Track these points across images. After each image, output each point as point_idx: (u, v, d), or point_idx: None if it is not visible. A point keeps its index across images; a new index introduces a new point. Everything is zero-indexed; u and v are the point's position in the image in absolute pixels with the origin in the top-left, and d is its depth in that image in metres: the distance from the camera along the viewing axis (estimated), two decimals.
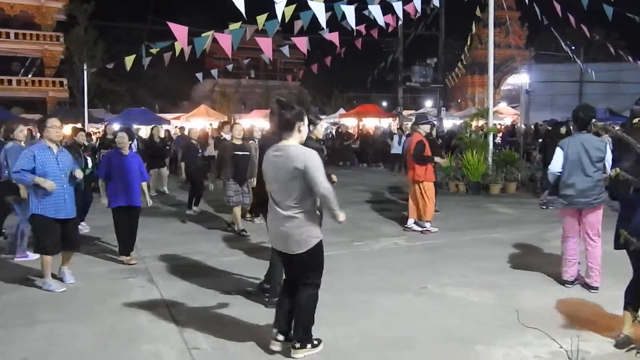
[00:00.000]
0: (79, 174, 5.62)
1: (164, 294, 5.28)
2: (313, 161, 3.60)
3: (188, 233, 8.35)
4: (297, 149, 3.68)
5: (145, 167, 7.07)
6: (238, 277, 5.90)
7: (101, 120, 25.57)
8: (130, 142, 6.77)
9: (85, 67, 23.25)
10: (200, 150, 10.59)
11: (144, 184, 6.70)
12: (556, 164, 5.26)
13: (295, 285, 3.89)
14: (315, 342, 3.90)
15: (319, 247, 3.77)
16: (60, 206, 5.37)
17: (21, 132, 6.83)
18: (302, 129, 3.76)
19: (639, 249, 3.68)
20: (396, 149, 18.69)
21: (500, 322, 4.46)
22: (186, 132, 13.76)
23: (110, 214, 6.54)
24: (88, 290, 5.45)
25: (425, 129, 8.47)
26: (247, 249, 7.32)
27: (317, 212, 3.79)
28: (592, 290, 5.22)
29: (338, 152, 21.48)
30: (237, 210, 8.22)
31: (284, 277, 4.19)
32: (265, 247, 7.34)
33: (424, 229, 8.23)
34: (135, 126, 20.32)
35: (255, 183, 8.45)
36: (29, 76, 34.33)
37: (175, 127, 23.88)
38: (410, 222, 8.36)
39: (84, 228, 8.10)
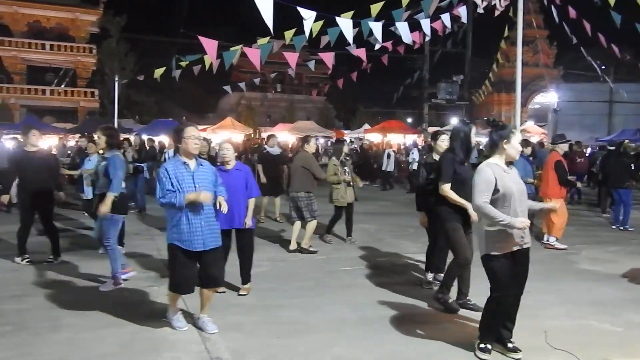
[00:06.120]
0: (224, 208, 4.61)
1: (188, 303, 5.30)
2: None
3: None
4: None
5: None
6: (262, 288, 5.90)
7: (130, 130, 26.05)
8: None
9: (116, 79, 23.79)
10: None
11: (251, 201, 5.71)
12: None
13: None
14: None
15: None
16: (196, 236, 4.43)
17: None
18: (507, 147, 4.04)
19: None
20: (389, 166, 17.84)
21: (527, 343, 4.36)
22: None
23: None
24: (113, 297, 5.53)
25: (563, 147, 8.67)
26: (272, 259, 7.35)
27: None
28: None
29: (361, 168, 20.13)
30: (314, 224, 7.92)
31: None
32: (294, 256, 7.37)
33: (547, 242, 8.35)
34: (162, 136, 20.70)
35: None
36: (62, 86, 35.32)
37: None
38: (552, 239, 8.37)
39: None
